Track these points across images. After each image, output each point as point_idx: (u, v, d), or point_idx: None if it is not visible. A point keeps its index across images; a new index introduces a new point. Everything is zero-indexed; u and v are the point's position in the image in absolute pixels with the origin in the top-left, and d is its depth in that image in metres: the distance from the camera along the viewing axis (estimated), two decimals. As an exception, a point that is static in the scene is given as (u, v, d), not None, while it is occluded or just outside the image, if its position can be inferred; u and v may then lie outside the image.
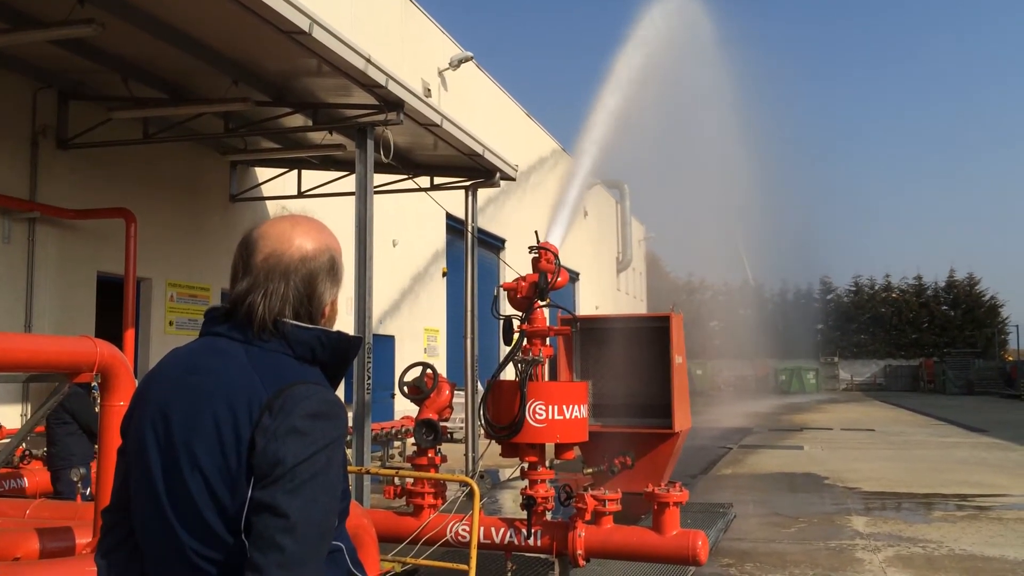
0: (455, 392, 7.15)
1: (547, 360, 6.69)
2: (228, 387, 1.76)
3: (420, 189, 14.17)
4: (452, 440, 17.23)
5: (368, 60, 9.06)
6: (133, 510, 1.84)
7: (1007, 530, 9.93)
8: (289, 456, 1.67)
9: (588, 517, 6.05)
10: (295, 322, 1.85)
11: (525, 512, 6.28)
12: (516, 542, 6.26)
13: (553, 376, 11.23)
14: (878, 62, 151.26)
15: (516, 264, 18.42)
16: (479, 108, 23.79)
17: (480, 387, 12.55)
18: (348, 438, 12.59)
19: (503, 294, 6.89)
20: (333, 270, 1.96)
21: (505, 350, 6.69)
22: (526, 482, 6.40)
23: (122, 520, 1.89)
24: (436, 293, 21.90)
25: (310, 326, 1.87)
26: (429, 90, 20.81)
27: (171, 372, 1.87)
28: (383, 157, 10.46)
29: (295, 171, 14.75)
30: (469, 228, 14.13)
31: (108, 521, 1.93)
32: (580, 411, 6.46)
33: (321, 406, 1.75)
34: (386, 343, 18.43)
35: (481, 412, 6.65)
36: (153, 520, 1.77)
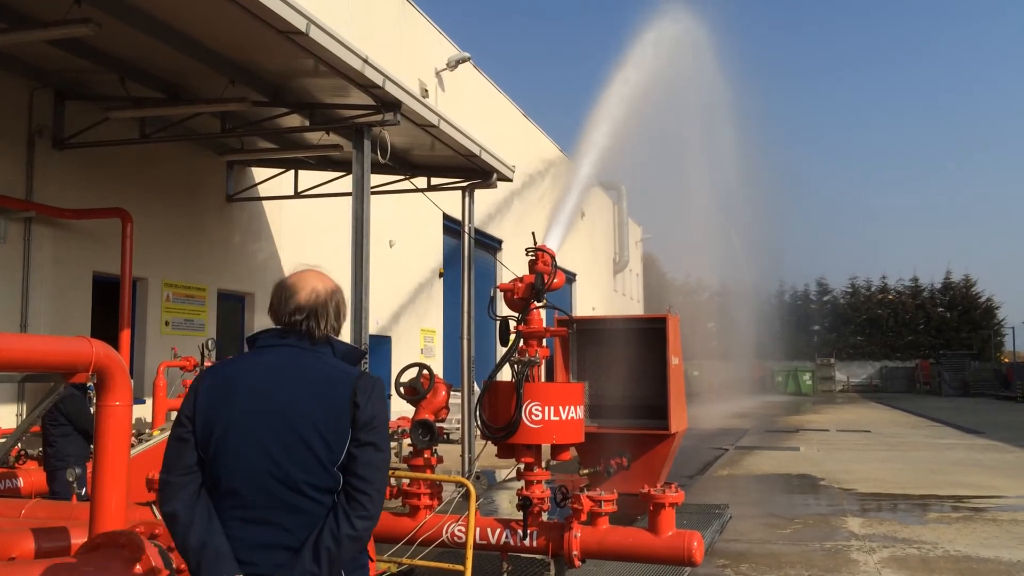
0: (451, 393, 7.15)
1: (543, 361, 6.69)
2: (322, 373, 2.69)
3: (417, 190, 14.17)
4: (448, 441, 17.22)
5: (365, 60, 9.07)
6: (227, 463, 2.58)
7: (1002, 531, 9.95)
8: (380, 414, 2.67)
9: (584, 518, 6.05)
10: (338, 339, 2.84)
11: (521, 513, 6.28)
12: (512, 543, 6.26)
13: (549, 377, 11.23)
14: (873, 63, 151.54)
15: (513, 265, 18.44)
16: (476, 109, 23.80)
17: (477, 388, 12.54)
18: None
19: (500, 295, 6.90)
20: (344, 299, 2.93)
21: (502, 351, 6.69)
22: (522, 483, 6.41)
23: (192, 480, 2.60)
24: (433, 294, 21.90)
25: (345, 341, 2.85)
26: (426, 91, 20.81)
27: (261, 371, 2.70)
28: (380, 158, 10.47)
29: (292, 171, 14.74)
30: (466, 229, 14.13)
31: (179, 481, 2.60)
32: (576, 412, 6.46)
33: (382, 386, 2.74)
34: (382, 344, 18.43)
35: (477, 413, 6.66)
36: (263, 465, 2.56)
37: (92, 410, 7.56)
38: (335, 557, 2.54)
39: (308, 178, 14.81)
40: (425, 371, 6.82)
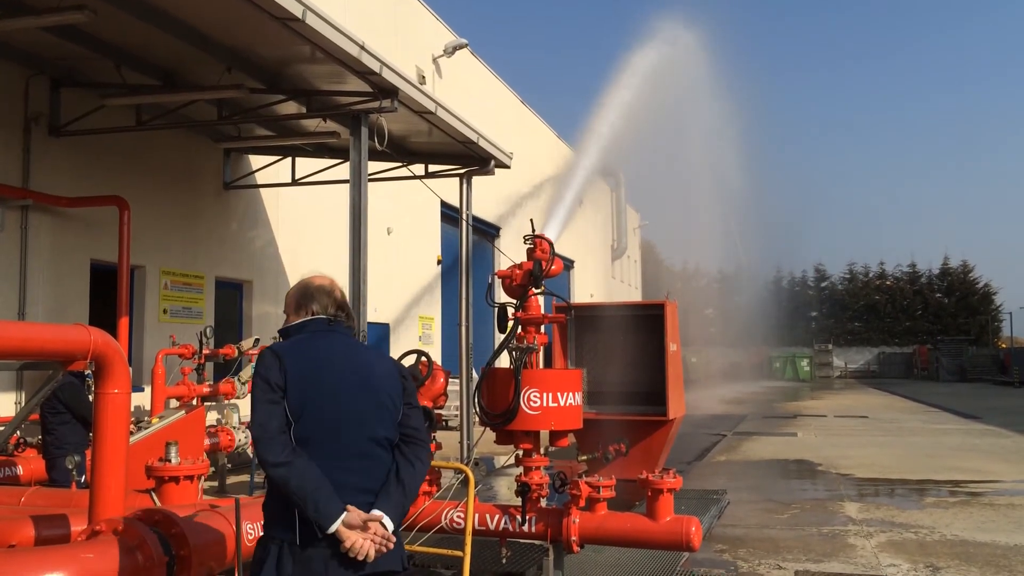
0: (450, 380, 7.16)
1: (542, 348, 6.69)
2: (373, 354, 3.46)
3: (415, 177, 14.14)
4: (447, 428, 17.25)
5: (362, 47, 9.03)
6: (326, 421, 3.14)
7: (999, 515, 10.00)
8: (414, 389, 3.48)
9: (582, 504, 6.07)
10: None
11: (520, 499, 6.30)
12: (511, 529, 6.27)
13: (548, 364, 11.24)
14: (875, 52, 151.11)
15: (512, 251, 18.43)
16: (474, 95, 23.71)
17: (475, 375, 12.55)
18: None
19: (498, 282, 6.89)
20: None
21: (500, 338, 6.69)
22: (521, 469, 6.42)
23: (287, 436, 3.09)
24: (431, 281, 21.89)
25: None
26: (423, 77, 20.73)
27: (338, 352, 3.31)
28: (377, 144, 10.43)
29: (289, 159, 14.70)
30: (464, 216, 14.11)
31: (280, 438, 3.08)
32: (575, 398, 6.46)
33: None
34: (380, 331, 18.44)
35: (476, 399, 6.66)
36: (356, 422, 3.19)
37: (91, 398, 7.56)
38: (412, 490, 3.25)
39: (305, 165, 14.77)
40: (423, 358, 6.82)
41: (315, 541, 3.02)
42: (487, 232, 25.12)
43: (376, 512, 3.09)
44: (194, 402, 10.91)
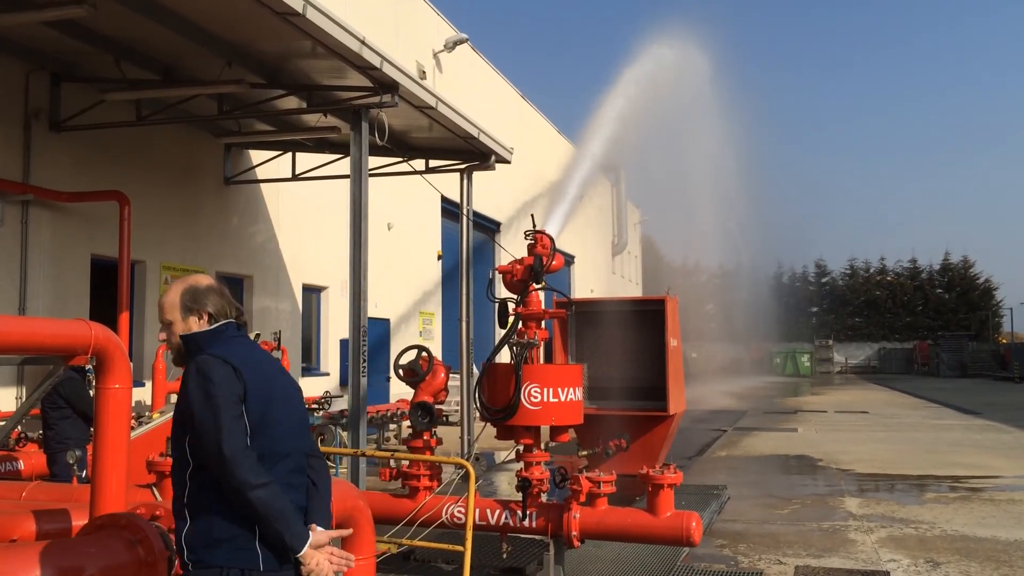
0: (450, 375, 7.16)
1: (542, 343, 6.69)
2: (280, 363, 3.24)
3: (415, 172, 14.12)
4: (448, 423, 17.24)
5: (362, 42, 9.01)
6: (281, 435, 2.93)
7: (999, 511, 10.01)
8: None
9: (583, 499, 6.07)
10: None
11: (520, 494, 6.30)
12: (511, 524, 6.28)
13: (548, 359, 11.25)
14: (875, 50, 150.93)
15: (512, 247, 18.42)
16: (474, 91, 23.67)
17: (476, 370, 12.56)
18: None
19: (499, 277, 6.89)
20: None
21: (500, 333, 6.69)
22: (521, 464, 6.43)
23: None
24: (431, 276, 21.88)
25: None
26: (424, 72, 20.70)
27: (267, 360, 3.08)
28: (378, 140, 10.42)
29: (289, 154, 14.69)
30: (464, 211, 14.09)
31: (252, 455, 2.80)
32: (575, 394, 6.47)
33: None
34: (381, 326, 18.44)
35: (476, 395, 6.67)
36: (301, 434, 3.04)
37: (91, 393, 7.56)
38: (330, 503, 3.11)
39: (306, 160, 14.76)
40: (424, 353, 6.83)
41: (281, 565, 2.80)
42: (488, 228, 25.10)
43: (325, 531, 2.93)
44: (195, 397, 10.89)
